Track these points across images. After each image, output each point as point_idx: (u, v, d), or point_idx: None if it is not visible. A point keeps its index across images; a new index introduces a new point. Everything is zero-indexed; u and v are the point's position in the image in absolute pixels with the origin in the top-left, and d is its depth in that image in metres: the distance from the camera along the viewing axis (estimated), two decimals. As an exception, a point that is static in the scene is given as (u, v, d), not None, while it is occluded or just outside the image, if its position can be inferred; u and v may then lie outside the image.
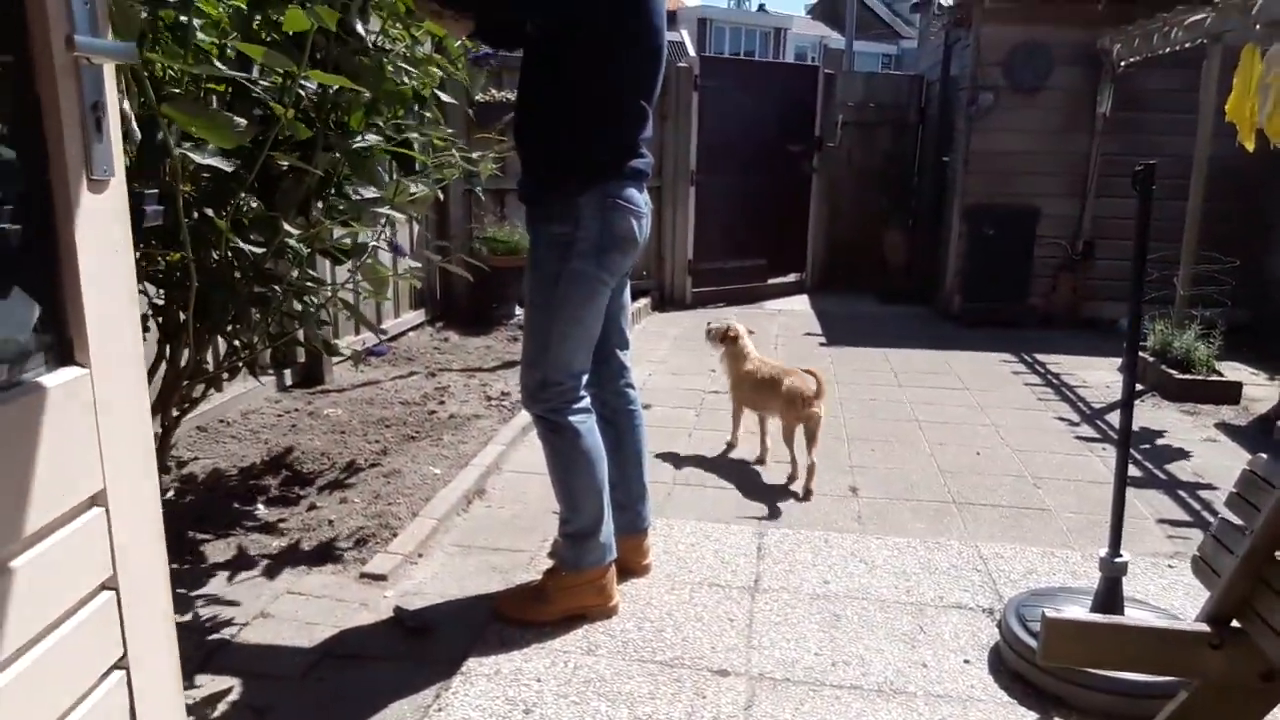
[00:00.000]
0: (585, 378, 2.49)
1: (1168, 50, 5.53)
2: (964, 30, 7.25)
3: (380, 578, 2.71)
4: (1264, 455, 1.77)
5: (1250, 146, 4.49)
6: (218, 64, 2.14)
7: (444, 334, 5.97)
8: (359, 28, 2.45)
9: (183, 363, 2.64)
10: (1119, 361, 5.68)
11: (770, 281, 8.07)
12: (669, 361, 5.64)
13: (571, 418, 2.43)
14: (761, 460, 3.88)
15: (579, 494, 2.48)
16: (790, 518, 3.30)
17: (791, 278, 8.27)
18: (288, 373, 4.60)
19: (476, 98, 6.22)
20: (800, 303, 7.90)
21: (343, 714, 2.09)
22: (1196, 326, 5.04)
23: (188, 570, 2.72)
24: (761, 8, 43.30)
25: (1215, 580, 1.73)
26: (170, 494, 3.23)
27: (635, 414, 2.74)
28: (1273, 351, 5.48)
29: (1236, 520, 1.84)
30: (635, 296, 7.04)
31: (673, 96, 7.14)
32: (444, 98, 3.17)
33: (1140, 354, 5.40)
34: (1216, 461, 3.98)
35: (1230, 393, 4.87)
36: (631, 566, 2.78)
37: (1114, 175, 6.81)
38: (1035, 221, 6.94)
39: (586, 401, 2.49)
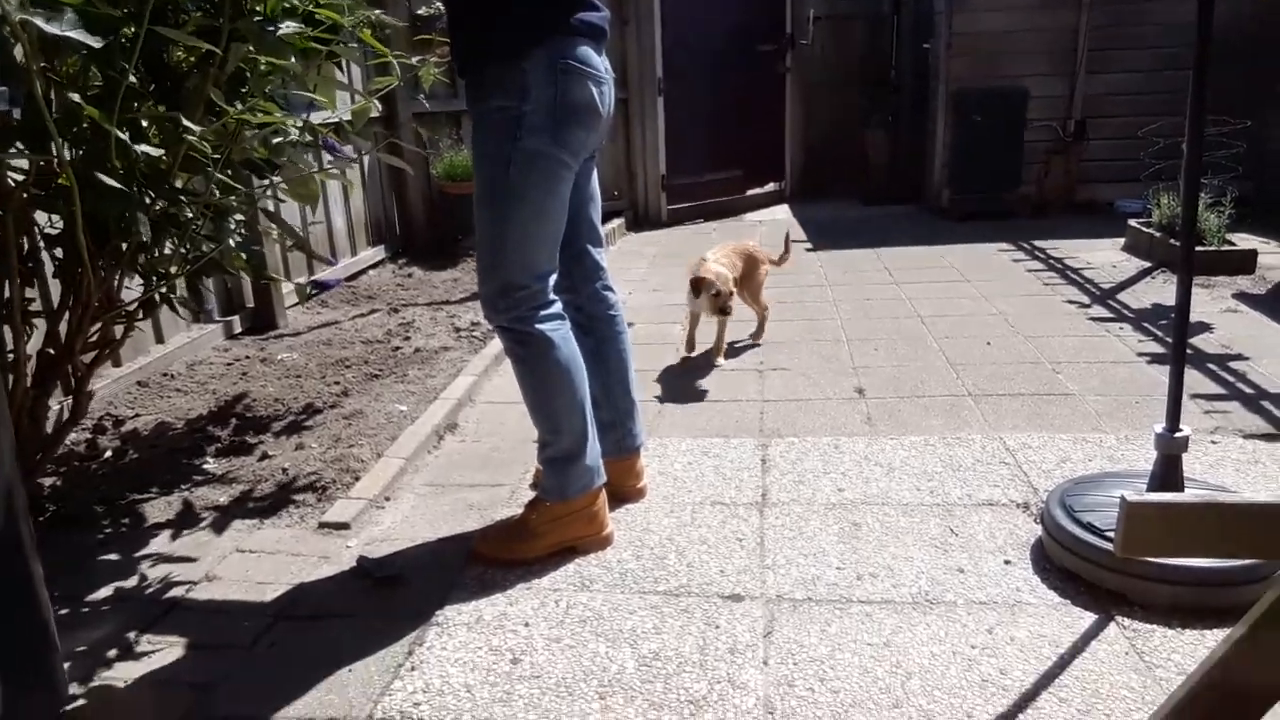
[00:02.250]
0: (554, 280, 2.15)
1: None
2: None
3: (342, 526, 2.41)
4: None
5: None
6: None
7: (407, 270, 5.59)
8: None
9: (94, 300, 2.28)
10: (1121, 241, 5.38)
11: (749, 193, 7.68)
12: (649, 280, 5.29)
13: (541, 325, 2.10)
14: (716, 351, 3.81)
15: (558, 412, 2.16)
16: (795, 424, 3.01)
17: (770, 187, 7.87)
18: (236, 319, 4.24)
19: (419, 11, 5.76)
20: (781, 212, 7.53)
21: (298, 683, 1.80)
22: (1206, 196, 4.72)
23: (124, 534, 2.41)
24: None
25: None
26: (109, 454, 2.91)
27: (616, 320, 2.41)
28: (1278, 220, 5.19)
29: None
30: (608, 218, 6.66)
31: (632, 0, 6.65)
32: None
33: (1147, 230, 5.10)
34: (1242, 332, 3.71)
35: (1245, 262, 4.58)
36: (624, 491, 2.49)
37: (1103, 49, 6.43)
38: (1024, 104, 6.53)
39: (558, 307, 2.16)
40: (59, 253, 2.30)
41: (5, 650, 1.46)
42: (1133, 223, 5.31)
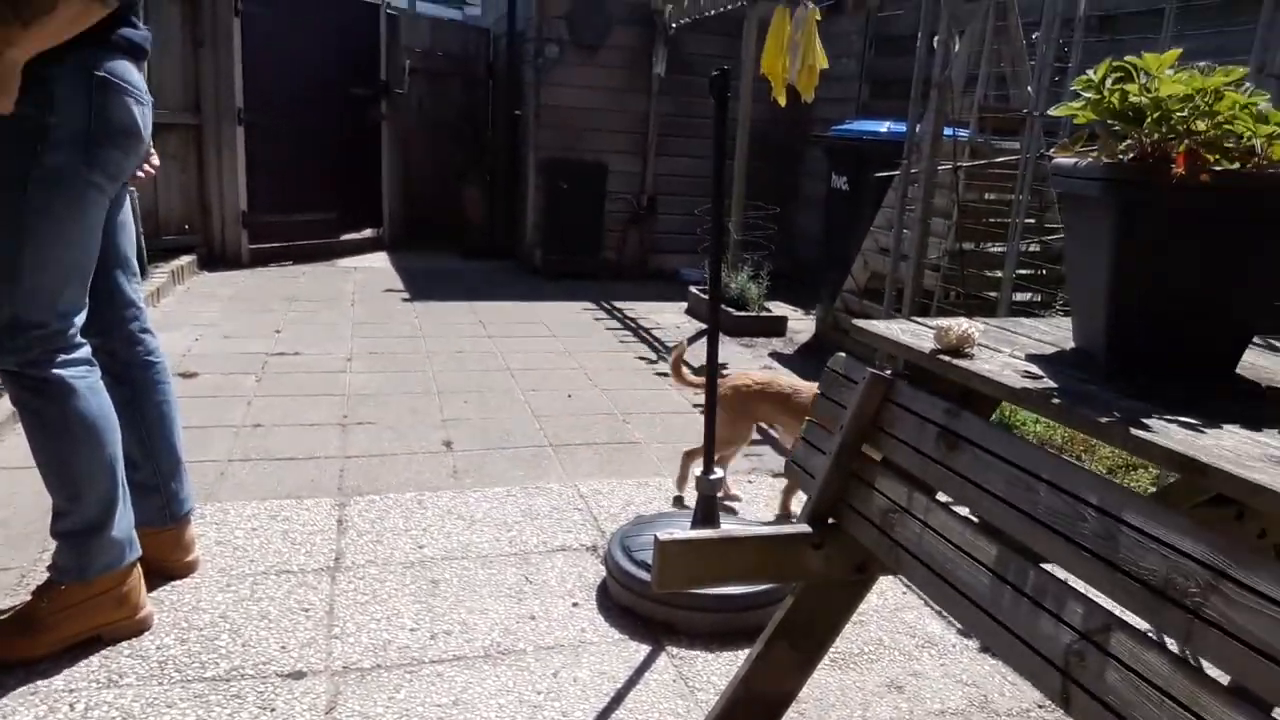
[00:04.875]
0: (81, 320, 1.86)
1: (713, 12, 5.95)
2: (528, -18, 7.20)
3: None
4: (843, 354, 1.80)
5: (782, 101, 4.97)
6: None
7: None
8: None
9: None
10: (684, 305, 6.08)
11: (344, 237, 7.39)
12: (221, 325, 4.82)
13: (62, 371, 1.80)
14: None
15: (78, 476, 1.85)
16: (378, 481, 2.90)
17: (368, 233, 7.67)
18: None
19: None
20: (379, 259, 7.36)
21: None
22: (748, 270, 5.53)
23: None
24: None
25: (811, 482, 1.72)
26: None
27: (156, 367, 2.13)
28: (804, 293, 6.27)
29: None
30: (176, 254, 5.98)
31: (208, 19, 6.13)
32: None
33: (703, 296, 5.82)
34: (773, 385, 4.36)
35: (778, 326, 5.44)
36: (169, 566, 2.20)
37: (670, 135, 7.28)
38: (604, 177, 7.16)
39: (85, 351, 1.87)
40: None
41: None
42: (692, 289, 6.04)
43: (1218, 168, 1.25)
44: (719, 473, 2.26)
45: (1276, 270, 1.33)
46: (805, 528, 1.61)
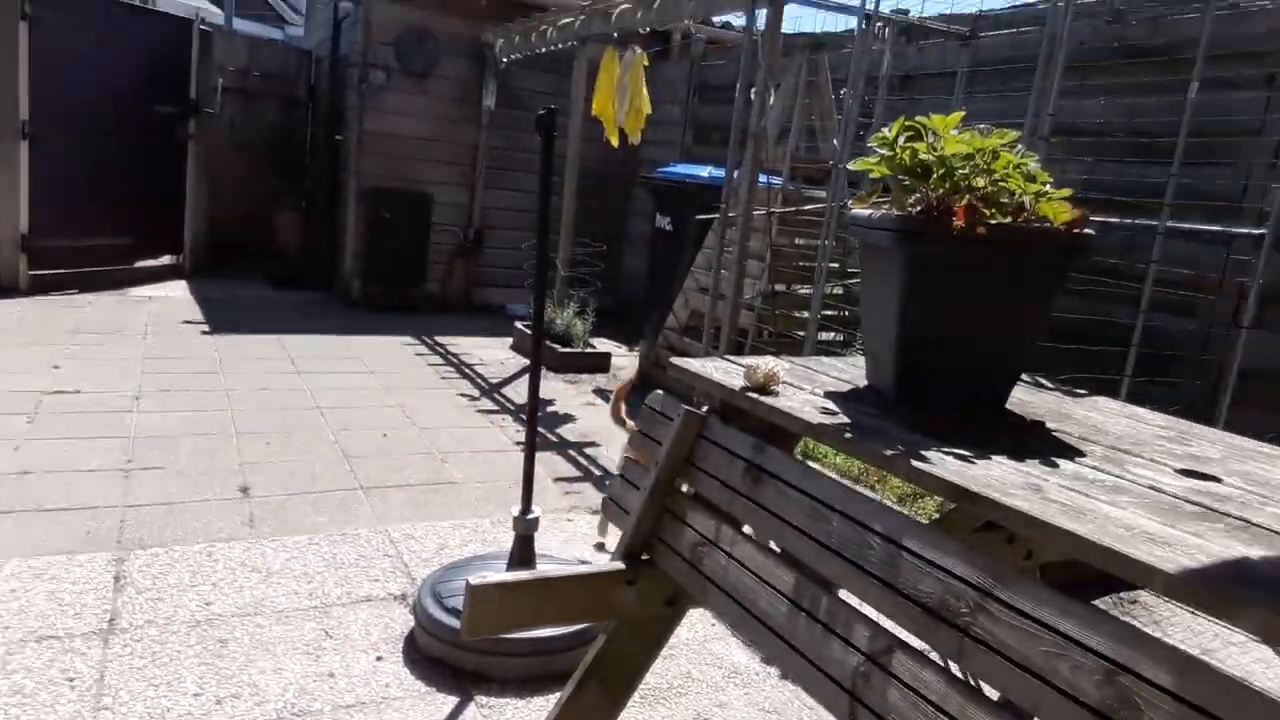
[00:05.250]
0: None
1: (544, 50, 5.99)
2: (353, 5, 7.00)
3: None
4: (660, 391, 1.81)
5: (615, 142, 5.05)
6: None
7: None
8: None
9: None
10: (509, 340, 6.01)
11: (139, 264, 6.81)
12: (-12, 358, 4.31)
13: None
14: None
15: None
16: (163, 533, 2.64)
17: (166, 260, 7.11)
18: None
19: None
20: (178, 288, 6.82)
21: None
22: (574, 306, 5.54)
23: None
24: (123, -33, 37.72)
25: (625, 518, 1.71)
26: None
27: None
28: (630, 330, 6.35)
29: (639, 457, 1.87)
30: (-65, 278, 5.31)
31: (-15, 23, 5.55)
32: None
33: (527, 331, 5.78)
34: (596, 422, 4.37)
35: (602, 363, 5.47)
36: (-102, 635, 1.90)
37: (498, 168, 7.23)
38: (430, 208, 7.01)
39: None
40: None
41: None
42: (518, 324, 5.99)
43: (993, 221, 1.36)
44: (536, 511, 2.21)
45: (1041, 315, 1.46)
46: (619, 565, 1.60)
